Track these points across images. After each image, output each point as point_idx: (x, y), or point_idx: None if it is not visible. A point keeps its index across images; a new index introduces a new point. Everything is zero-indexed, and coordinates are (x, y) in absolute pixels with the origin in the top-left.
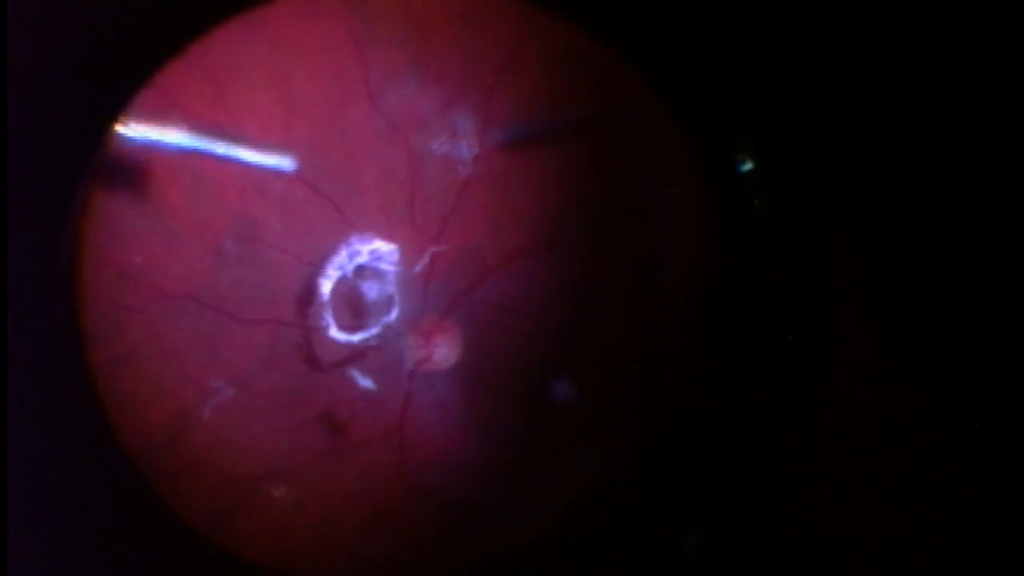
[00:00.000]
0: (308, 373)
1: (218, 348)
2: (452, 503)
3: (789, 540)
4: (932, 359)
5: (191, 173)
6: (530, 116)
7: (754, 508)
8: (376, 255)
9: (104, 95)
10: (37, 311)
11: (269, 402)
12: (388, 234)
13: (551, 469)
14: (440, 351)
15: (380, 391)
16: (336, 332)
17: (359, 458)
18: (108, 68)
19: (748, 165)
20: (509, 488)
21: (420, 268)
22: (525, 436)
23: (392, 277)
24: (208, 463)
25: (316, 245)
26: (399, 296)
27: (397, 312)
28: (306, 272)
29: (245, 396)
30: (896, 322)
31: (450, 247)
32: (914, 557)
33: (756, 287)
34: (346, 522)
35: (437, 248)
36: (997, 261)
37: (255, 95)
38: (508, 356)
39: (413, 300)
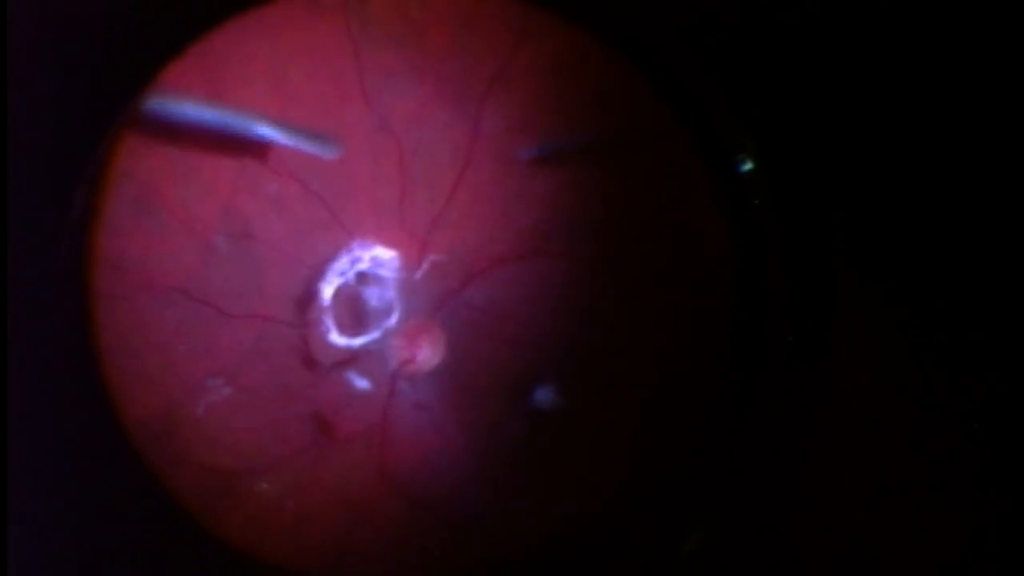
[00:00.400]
0: (293, 371)
1: (205, 342)
2: (431, 502)
3: (789, 540)
4: (932, 359)
5: (184, 166)
6: (525, 121)
7: (754, 508)
8: (377, 262)
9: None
10: (37, 301)
11: (254, 398)
12: (377, 235)
13: (531, 472)
14: (423, 353)
15: (362, 392)
16: (336, 337)
17: (340, 456)
18: (108, 68)
19: (748, 165)
20: (488, 490)
21: (406, 270)
22: (505, 439)
23: (392, 283)
24: (192, 457)
25: (307, 244)
26: (399, 302)
27: (397, 317)
28: (302, 273)
29: (230, 391)
30: (896, 322)
31: (437, 250)
32: (914, 556)
33: (756, 287)
34: (326, 518)
35: (424, 250)
36: (997, 261)
37: (252, 91)
38: (490, 360)
39: (399, 301)
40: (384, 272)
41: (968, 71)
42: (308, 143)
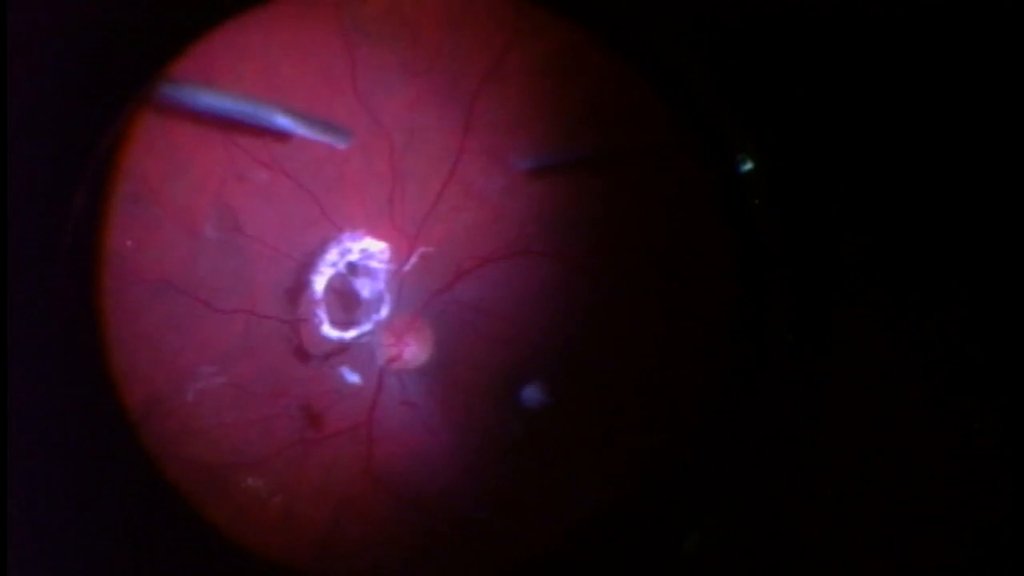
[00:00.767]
0: (282, 365)
1: (194, 335)
2: (417, 498)
3: (789, 540)
4: (932, 359)
5: (177, 161)
6: (516, 120)
7: (754, 508)
8: (367, 253)
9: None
10: (35, 294)
11: (242, 392)
12: (366, 231)
13: (518, 470)
14: (410, 350)
15: (350, 386)
16: (328, 329)
17: (327, 451)
18: (108, 67)
19: (748, 165)
20: (475, 486)
21: (395, 266)
22: (493, 437)
23: (383, 275)
24: (178, 450)
25: (296, 238)
26: (389, 294)
27: (387, 310)
28: (291, 267)
29: (219, 384)
30: (896, 322)
31: (426, 247)
32: (914, 556)
33: (756, 287)
34: (312, 513)
35: (413, 247)
36: (997, 261)
37: (244, 88)
38: (478, 358)
39: (387, 298)
40: (374, 263)
41: (969, 71)
42: (320, 133)
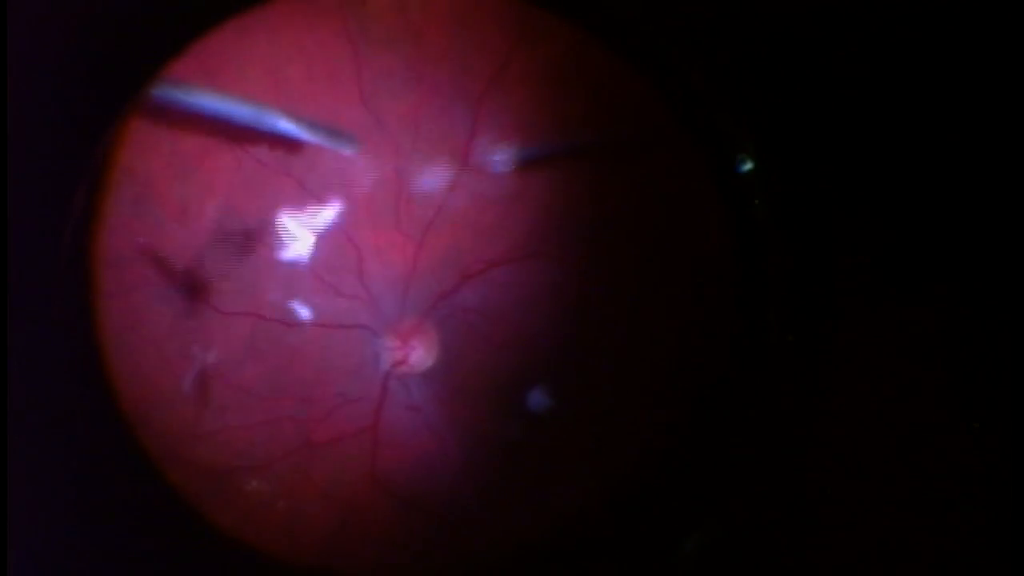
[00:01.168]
0: (286, 368)
1: (200, 340)
2: (422, 503)
3: (788, 541)
4: (932, 359)
5: (182, 164)
6: (521, 124)
7: (754, 508)
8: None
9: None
10: (37, 298)
11: (246, 395)
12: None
13: (523, 474)
14: (416, 354)
15: (355, 391)
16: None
17: (332, 455)
18: (107, 67)
19: (748, 165)
20: (480, 491)
21: (402, 270)
22: (498, 441)
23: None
24: (183, 454)
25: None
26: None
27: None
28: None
29: (224, 389)
30: (896, 322)
31: (432, 251)
32: (914, 557)
33: (756, 287)
34: (317, 518)
35: (419, 251)
36: (998, 260)
37: (249, 91)
38: (484, 362)
39: (393, 302)
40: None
41: (970, 71)
42: (326, 138)
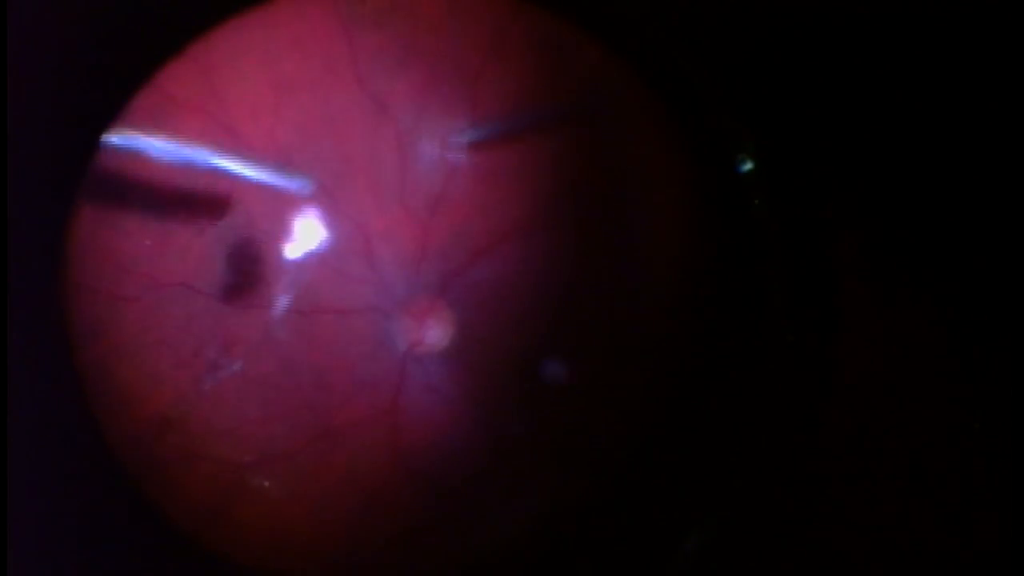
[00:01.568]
0: (301, 356)
1: (214, 336)
2: (445, 486)
3: (789, 541)
4: (933, 359)
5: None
6: (518, 100)
7: (754, 509)
8: None
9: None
10: (37, 307)
11: (263, 387)
12: (378, 217)
13: (545, 453)
14: (432, 333)
15: (373, 374)
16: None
17: (353, 441)
18: (107, 67)
19: (748, 165)
20: (502, 471)
21: (411, 251)
22: (517, 419)
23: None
24: (204, 451)
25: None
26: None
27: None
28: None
29: (239, 382)
30: (897, 322)
31: (440, 229)
32: (916, 557)
33: (756, 287)
34: (340, 506)
35: (427, 230)
36: (999, 260)
37: (246, 83)
38: (499, 338)
39: (405, 282)
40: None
41: (971, 71)
42: (278, 177)
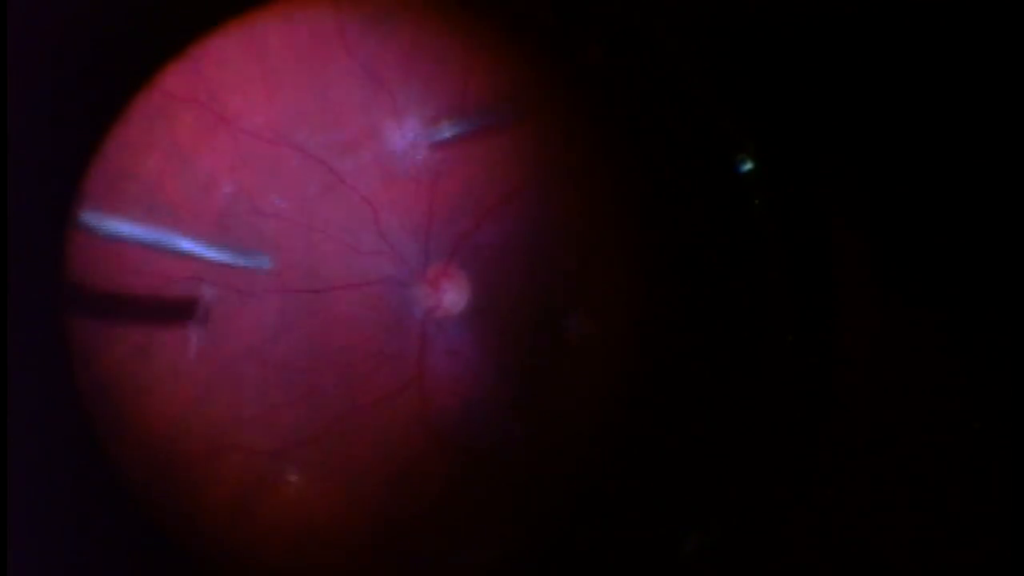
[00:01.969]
0: (320, 336)
1: (230, 325)
2: (474, 448)
3: (789, 542)
4: (933, 359)
5: (179, 158)
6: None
7: (754, 510)
8: None
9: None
10: (44, 312)
11: (286, 371)
12: (383, 187)
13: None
14: (448, 297)
15: (394, 345)
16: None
17: (381, 415)
18: (106, 66)
19: (748, 165)
20: (532, 430)
21: (419, 218)
22: (540, 374)
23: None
24: (232, 441)
25: (315, 207)
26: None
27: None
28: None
29: (262, 368)
30: (897, 322)
31: (446, 193)
32: (916, 556)
33: (756, 287)
34: (370, 484)
35: (433, 195)
36: (999, 261)
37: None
38: (514, 296)
39: (417, 250)
40: None
41: (972, 70)
42: (237, 258)
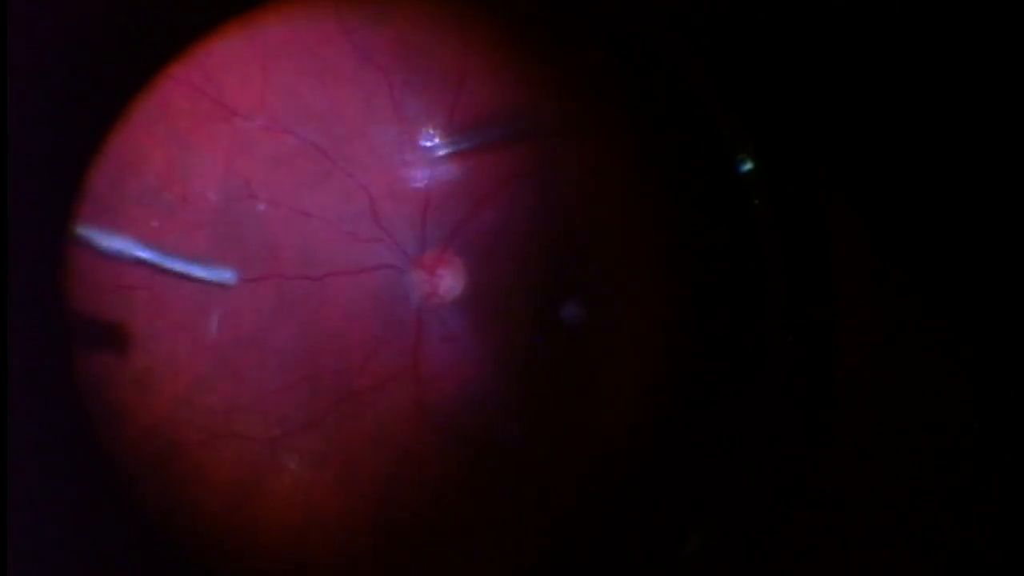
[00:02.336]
0: (315, 323)
1: (228, 312)
2: (471, 434)
3: (789, 543)
4: (933, 359)
5: (177, 145)
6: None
7: (754, 510)
8: None
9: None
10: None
11: (282, 358)
12: (379, 174)
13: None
14: (445, 283)
15: (390, 331)
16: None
17: (377, 401)
18: (108, 66)
19: (748, 165)
20: (521, 415)
21: (415, 204)
22: (538, 359)
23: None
24: (229, 429)
25: (312, 194)
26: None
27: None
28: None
29: (259, 355)
30: (897, 323)
31: (442, 179)
32: (917, 556)
33: (756, 287)
34: (370, 468)
35: (429, 181)
36: (1000, 262)
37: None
38: (510, 282)
39: (412, 237)
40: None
41: (973, 70)
42: (201, 271)
